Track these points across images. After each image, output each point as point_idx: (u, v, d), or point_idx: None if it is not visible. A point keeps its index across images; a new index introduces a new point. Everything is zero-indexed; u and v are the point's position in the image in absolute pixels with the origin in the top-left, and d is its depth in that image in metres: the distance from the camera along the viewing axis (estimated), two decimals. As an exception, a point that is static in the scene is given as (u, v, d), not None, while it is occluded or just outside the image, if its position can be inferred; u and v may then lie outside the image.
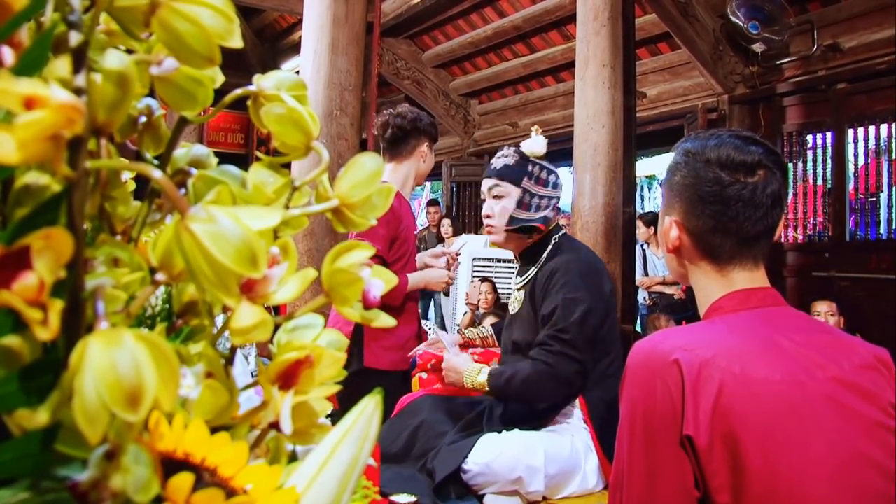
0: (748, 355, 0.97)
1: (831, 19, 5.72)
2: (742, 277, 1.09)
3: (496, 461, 1.89)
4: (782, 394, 0.94)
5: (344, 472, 0.39)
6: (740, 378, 0.95)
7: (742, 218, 1.07)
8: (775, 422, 0.93)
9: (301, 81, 0.47)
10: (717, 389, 0.94)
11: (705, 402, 0.94)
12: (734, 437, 0.92)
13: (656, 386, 0.97)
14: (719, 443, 0.93)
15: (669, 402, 0.95)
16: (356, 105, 3.74)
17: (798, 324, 1.04)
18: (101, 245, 0.43)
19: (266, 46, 9.01)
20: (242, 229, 0.34)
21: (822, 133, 6.00)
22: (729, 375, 0.95)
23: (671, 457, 0.95)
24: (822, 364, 0.97)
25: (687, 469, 0.94)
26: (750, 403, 0.93)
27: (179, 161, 0.48)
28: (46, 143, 0.30)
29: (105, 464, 0.31)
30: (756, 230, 1.07)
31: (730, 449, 0.92)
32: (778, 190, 1.07)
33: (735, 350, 0.98)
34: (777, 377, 0.95)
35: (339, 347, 0.45)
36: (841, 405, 0.95)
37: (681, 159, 1.13)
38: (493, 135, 9.20)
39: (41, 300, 0.31)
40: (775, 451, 0.91)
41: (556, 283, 2.09)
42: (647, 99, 7.14)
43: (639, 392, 0.99)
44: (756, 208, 1.06)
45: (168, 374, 0.31)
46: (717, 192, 1.07)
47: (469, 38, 8.24)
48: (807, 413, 0.93)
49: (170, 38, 0.38)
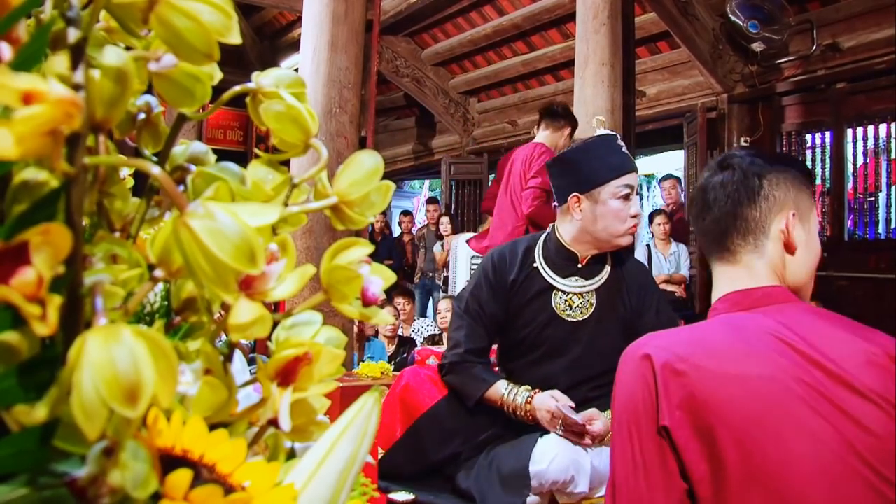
0: (729, 352, 0.99)
1: (831, 19, 5.73)
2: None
3: (553, 464, 1.83)
4: (760, 390, 0.95)
5: (342, 469, 0.39)
6: (716, 373, 0.96)
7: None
8: (753, 416, 0.94)
9: (300, 79, 0.47)
10: (689, 383, 0.96)
11: (677, 395, 0.96)
12: (711, 431, 0.94)
13: (634, 381, 1.01)
14: (695, 436, 0.95)
15: (646, 395, 0.99)
16: (355, 103, 3.74)
17: (802, 319, 1.04)
18: (100, 241, 0.43)
19: (265, 44, 9.00)
20: (241, 226, 0.34)
21: (821, 132, 6.01)
22: (704, 371, 0.97)
23: (654, 449, 0.98)
24: (815, 361, 0.98)
25: (670, 460, 0.96)
26: (725, 398, 0.95)
27: (178, 158, 0.48)
28: (44, 139, 0.30)
29: (103, 460, 0.31)
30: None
31: (707, 442, 0.94)
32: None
33: (714, 346, 1.00)
34: (756, 373, 0.96)
35: (337, 344, 0.45)
36: (830, 402, 0.95)
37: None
38: (493, 133, 9.20)
39: (39, 296, 0.31)
40: (753, 446, 0.93)
41: (651, 290, 2.06)
42: (646, 98, 7.13)
43: (621, 388, 1.04)
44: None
45: (166, 370, 0.31)
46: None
47: (468, 36, 8.23)
48: (788, 409, 0.94)
49: (168, 34, 0.38)
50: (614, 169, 1.97)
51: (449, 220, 7.82)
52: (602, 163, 1.98)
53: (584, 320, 2.02)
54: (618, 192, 1.96)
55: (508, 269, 2.07)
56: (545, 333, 2.04)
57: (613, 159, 1.99)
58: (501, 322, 2.09)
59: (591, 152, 2.02)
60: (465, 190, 9.38)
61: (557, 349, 2.04)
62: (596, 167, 1.98)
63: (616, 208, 1.96)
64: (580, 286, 2.03)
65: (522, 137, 8.66)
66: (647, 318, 2.03)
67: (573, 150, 2.09)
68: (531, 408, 1.93)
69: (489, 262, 2.12)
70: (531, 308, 2.05)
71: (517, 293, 2.06)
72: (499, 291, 2.07)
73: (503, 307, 2.07)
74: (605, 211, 1.96)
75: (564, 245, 2.06)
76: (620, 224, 1.97)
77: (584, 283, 2.04)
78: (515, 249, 2.12)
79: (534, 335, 2.05)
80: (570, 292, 2.03)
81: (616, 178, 1.96)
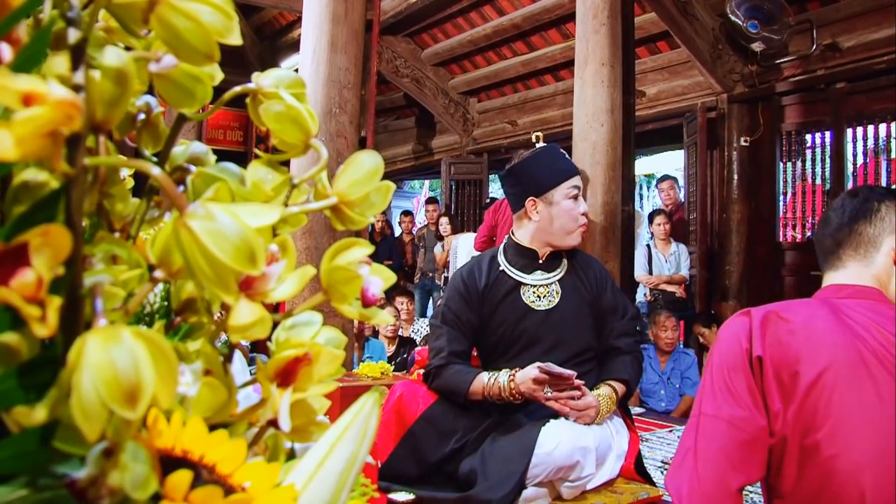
0: (815, 317, 1.17)
1: (830, 19, 5.73)
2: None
3: (557, 450, 1.91)
4: (840, 344, 1.12)
5: (342, 470, 0.39)
6: (801, 328, 1.15)
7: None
8: (831, 365, 1.10)
9: (300, 79, 0.47)
10: (778, 331, 1.16)
11: (769, 337, 1.16)
12: (790, 375, 1.12)
13: (732, 329, 1.21)
14: (776, 375, 1.14)
15: (742, 337, 1.19)
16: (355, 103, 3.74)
17: (887, 312, 1.20)
18: (100, 242, 0.43)
19: (265, 44, 8.99)
20: (241, 227, 0.34)
21: (820, 132, 6.01)
22: (792, 324, 1.16)
23: (744, 381, 1.16)
24: (888, 344, 1.13)
25: (756, 394, 1.15)
26: (806, 351, 1.13)
27: (178, 158, 0.48)
28: (44, 140, 0.30)
29: (103, 461, 0.31)
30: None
31: (784, 382, 1.13)
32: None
33: (804, 311, 1.19)
34: (836, 341, 1.13)
35: (337, 345, 0.45)
36: (892, 376, 1.11)
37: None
38: (492, 133, 9.20)
39: (39, 297, 0.31)
40: (819, 394, 1.10)
41: (606, 278, 2.30)
42: (645, 98, 7.14)
43: (719, 341, 1.23)
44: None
45: (166, 371, 0.31)
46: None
47: (468, 37, 8.23)
48: (863, 367, 1.11)
49: (169, 34, 0.38)
50: (563, 172, 2.24)
51: (448, 220, 7.82)
52: (552, 168, 2.25)
53: (553, 308, 2.22)
54: (569, 193, 2.22)
55: (478, 277, 2.28)
56: (520, 327, 2.22)
57: (561, 164, 2.27)
58: (476, 329, 2.27)
59: (540, 160, 2.28)
60: (464, 190, 9.38)
61: (534, 339, 2.21)
62: (547, 173, 2.24)
63: (568, 207, 2.21)
64: (544, 278, 2.25)
65: (522, 137, 8.67)
66: (605, 300, 2.27)
67: (524, 161, 2.32)
68: (515, 385, 2.04)
69: (459, 277, 2.33)
70: (504, 306, 2.24)
71: (489, 297, 2.25)
72: (471, 300, 2.26)
73: (477, 314, 2.26)
74: (559, 211, 2.22)
75: (523, 245, 2.29)
76: (573, 222, 2.22)
77: (548, 276, 2.25)
78: (480, 261, 2.35)
79: (510, 331, 2.22)
80: (536, 285, 2.24)
81: (566, 180, 2.23)
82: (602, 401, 2.07)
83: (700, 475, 1.15)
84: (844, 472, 1.07)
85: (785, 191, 6.25)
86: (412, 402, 2.17)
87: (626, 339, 2.24)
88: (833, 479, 1.07)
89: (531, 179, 2.24)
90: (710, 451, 1.16)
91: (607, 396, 2.09)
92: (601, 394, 2.08)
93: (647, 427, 3.24)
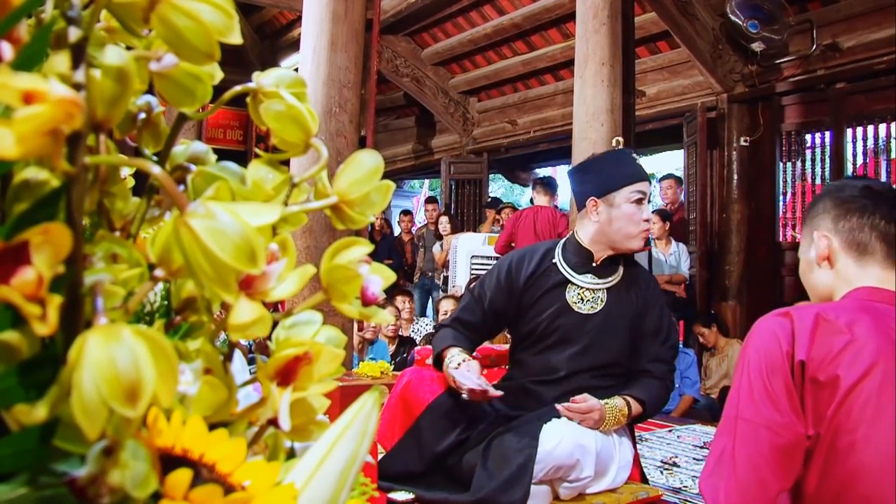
0: (857, 317, 1.16)
1: (830, 19, 5.73)
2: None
3: (558, 448, 1.91)
4: (880, 348, 1.11)
5: (342, 469, 0.39)
6: (844, 329, 1.13)
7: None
8: (870, 371, 1.10)
9: (300, 78, 0.47)
10: (822, 334, 1.14)
11: (814, 340, 1.14)
12: (835, 377, 1.11)
13: (771, 330, 1.19)
14: (814, 379, 1.12)
15: (784, 338, 1.16)
16: (355, 102, 3.74)
17: None
18: (100, 241, 0.43)
19: (265, 43, 8.99)
20: (241, 225, 0.34)
21: (820, 132, 6.01)
22: (833, 325, 1.14)
23: (784, 386, 1.14)
24: None
25: (795, 398, 1.14)
26: (851, 350, 1.11)
27: (178, 157, 0.48)
28: (45, 138, 0.30)
29: (103, 459, 0.31)
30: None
31: (822, 387, 1.11)
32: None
33: (844, 309, 1.18)
34: (875, 345, 1.12)
35: (337, 344, 0.45)
36: None
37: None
38: (492, 132, 9.20)
39: (40, 295, 0.31)
40: (867, 398, 1.09)
41: (658, 300, 2.26)
42: (645, 97, 7.13)
43: (755, 339, 1.21)
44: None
45: (166, 369, 0.31)
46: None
47: (468, 36, 8.23)
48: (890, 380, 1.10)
49: (169, 33, 0.38)
50: (628, 177, 2.19)
51: (448, 219, 7.81)
52: (617, 171, 2.21)
53: (593, 314, 2.19)
54: (631, 198, 2.17)
55: (527, 265, 2.26)
56: (556, 323, 2.20)
57: (628, 168, 2.22)
58: (504, 312, 2.27)
59: (608, 161, 2.28)
60: (464, 189, 9.38)
61: (566, 339, 2.19)
62: (612, 174, 2.21)
63: (629, 212, 2.17)
64: (594, 283, 2.22)
65: (522, 137, 8.66)
66: (649, 321, 2.21)
67: (593, 160, 2.34)
68: (450, 373, 2.08)
69: (509, 258, 2.33)
70: (545, 299, 2.22)
71: (533, 286, 2.24)
72: (509, 285, 2.25)
73: (511, 299, 2.25)
74: (620, 214, 2.17)
75: (582, 245, 2.25)
76: (633, 227, 2.17)
77: (598, 281, 2.22)
78: (536, 249, 2.34)
79: (545, 325, 2.20)
80: (583, 287, 2.21)
81: (630, 184, 2.18)
82: (609, 410, 2.04)
83: (739, 481, 1.14)
84: (870, 477, 1.06)
85: (785, 191, 6.25)
86: (420, 389, 2.18)
87: (660, 365, 2.19)
88: (858, 484, 1.07)
89: (595, 180, 2.23)
90: (750, 457, 1.14)
91: (617, 408, 2.06)
92: (611, 404, 2.06)
93: (647, 427, 3.24)
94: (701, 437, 2.98)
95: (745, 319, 6.06)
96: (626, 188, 2.17)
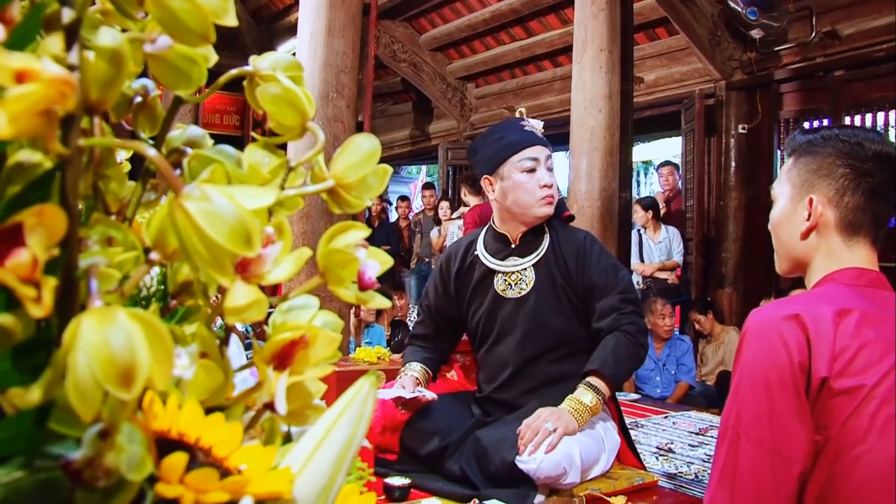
0: (864, 313, 1.09)
1: (830, 6, 5.71)
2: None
3: (544, 460, 1.79)
4: (890, 350, 1.06)
5: (339, 454, 0.39)
6: (856, 332, 1.06)
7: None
8: (885, 378, 1.04)
9: (297, 62, 0.47)
10: (841, 340, 1.06)
11: (837, 351, 1.06)
12: (852, 386, 1.04)
13: (779, 337, 1.08)
14: (836, 390, 1.05)
15: (798, 349, 1.06)
16: (352, 87, 3.72)
17: None
18: (95, 224, 0.43)
19: (262, 28, 8.94)
20: (237, 208, 0.34)
21: (819, 120, 6.00)
22: (850, 327, 1.07)
23: (794, 402, 1.06)
24: None
25: (806, 414, 1.06)
26: (864, 356, 1.05)
27: (174, 141, 0.48)
28: (38, 118, 0.30)
29: (99, 442, 0.31)
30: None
31: (842, 392, 1.05)
32: None
33: (848, 302, 1.10)
34: (885, 334, 1.07)
35: (334, 328, 0.45)
36: None
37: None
38: (490, 118, 9.17)
39: (34, 277, 0.30)
40: (880, 403, 1.03)
41: (589, 252, 2.09)
42: (644, 84, 7.11)
43: (757, 346, 1.10)
44: None
45: (162, 352, 0.31)
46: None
47: (466, 21, 8.19)
48: None
49: (164, 14, 0.37)
50: (513, 145, 2.08)
51: (449, 204, 7.81)
52: (500, 143, 2.11)
53: (524, 296, 2.10)
54: (521, 167, 2.07)
55: (452, 265, 2.23)
56: (493, 316, 2.14)
57: (511, 137, 2.11)
58: (451, 314, 2.26)
59: (490, 137, 2.18)
60: (462, 175, 9.36)
61: (506, 329, 2.12)
62: (497, 147, 2.11)
63: (521, 181, 2.06)
64: (516, 265, 2.13)
65: (520, 123, 8.63)
66: (587, 278, 2.07)
67: (480, 137, 2.24)
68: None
69: (439, 261, 2.32)
70: (477, 294, 2.18)
71: (462, 283, 2.21)
72: (445, 287, 2.24)
73: (451, 300, 2.23)
74: (511, 185, 2.07)
75: (496, 229, 2.19)
76: (528, 196, 2.07)
77: (521, 261, 2.13)
78: (461, 244, 2.28)
79: (484, 320, 2.16)
80: (508, 271, 2.13)
81: (515, 153, 2.07)
82: (573, 408, 1.88)
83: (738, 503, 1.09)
84: (879, 486, 1.03)
85: (782, 178, 6.24)
86: (394, 417, 2.13)
87: (614, 316, 2.00)
88: (865, 493, 1.04)
89: (483, 157, 2.14)
90: (751, 480, 1.08)
91: (576, 401, 1.90)
92: (570, 402, 1.90)
93: (643, 413, 3.25)
94: (696, 424, 3.00)
95: (741, 307, 6.07)
96: (513, 157, 2.06)
